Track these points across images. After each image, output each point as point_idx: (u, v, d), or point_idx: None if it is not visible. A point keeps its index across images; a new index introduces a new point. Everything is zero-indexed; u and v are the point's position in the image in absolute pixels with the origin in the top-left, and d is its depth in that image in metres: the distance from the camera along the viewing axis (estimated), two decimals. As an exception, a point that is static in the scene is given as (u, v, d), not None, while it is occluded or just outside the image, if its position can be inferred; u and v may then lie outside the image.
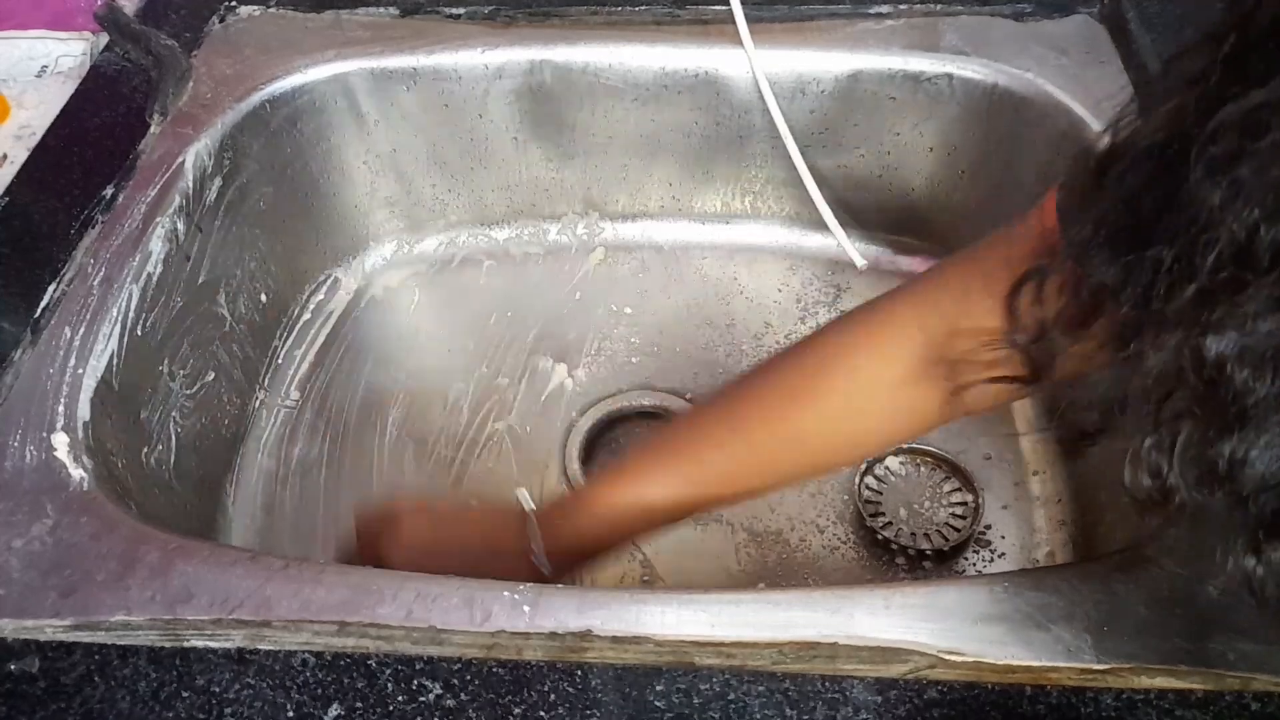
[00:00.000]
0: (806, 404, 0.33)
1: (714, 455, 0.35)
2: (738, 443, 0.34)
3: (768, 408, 0.34)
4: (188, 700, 0.30)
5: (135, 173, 0.47)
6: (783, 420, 0.34)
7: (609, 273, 0.61)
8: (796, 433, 0.34)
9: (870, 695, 0.30)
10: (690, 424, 0.38)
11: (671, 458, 0.36)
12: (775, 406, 0.34)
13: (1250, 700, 0.29)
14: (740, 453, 0.34)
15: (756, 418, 0.34)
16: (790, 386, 0.34)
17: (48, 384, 0.39)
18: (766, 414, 0.34)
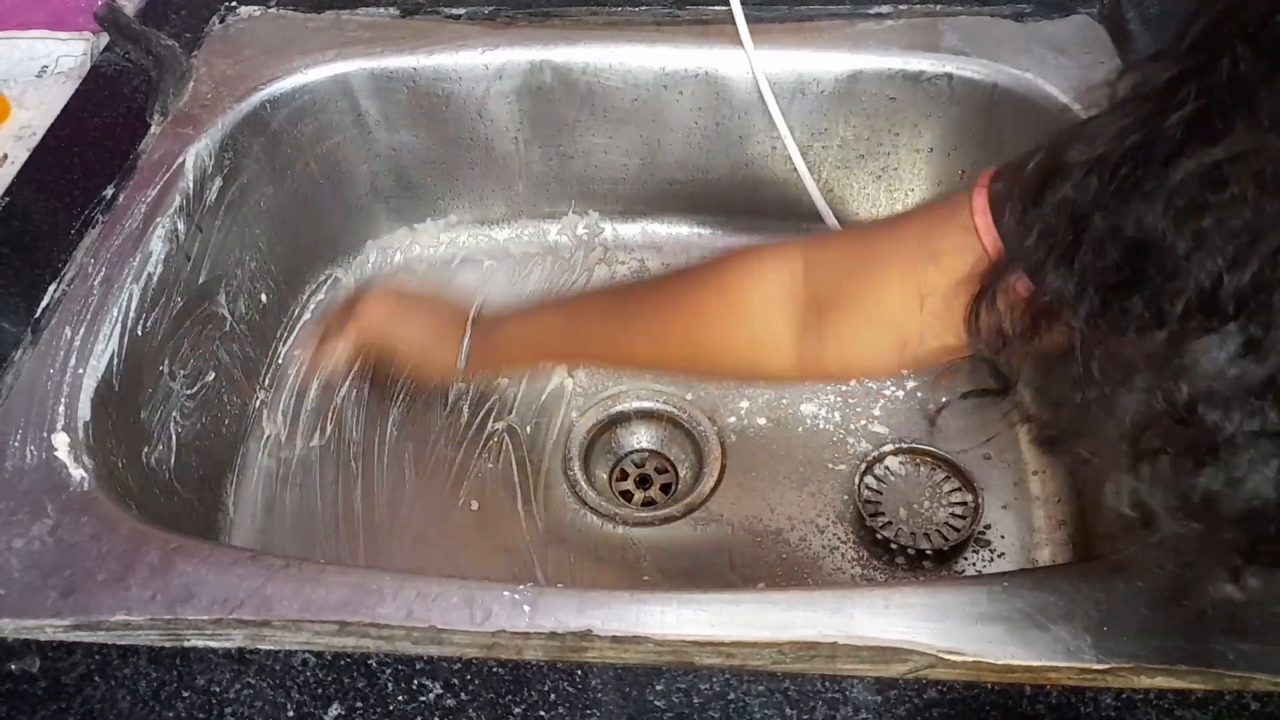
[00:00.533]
0: (681, 308, 0.37)
1: (594, 330, 0.41)
2: (617, 329, 0.40)
3: (650, 308, 0.39)
4: (188, 700, 0.30)
5: (135, 173, 0.47)
6: (657, 320, 0.38)
7: (609, 272, 0.61)
8: (663, 337, 0.38)
9: (870, 695, 0.30)
10: (597, 298, 0.45)
11: (569, 318, 0.43)
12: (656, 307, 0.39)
13: (1250, 700, 0.29)
14: (617, 336, 0.40)
15: (637, 315, 0.39)
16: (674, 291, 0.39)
17: (48, 384, 0.39)
18: (645, 314, 0.39)
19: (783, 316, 0.33)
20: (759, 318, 0.34)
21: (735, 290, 0.35)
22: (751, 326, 0.35)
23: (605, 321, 0.41)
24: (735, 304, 0.35)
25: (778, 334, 0.34)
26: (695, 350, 0.37)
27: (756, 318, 0.34)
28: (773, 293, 0.34)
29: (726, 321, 0.35)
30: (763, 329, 0.34)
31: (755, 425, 0.53)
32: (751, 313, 0.34)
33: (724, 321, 0.35)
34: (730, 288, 0.35)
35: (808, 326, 0.33)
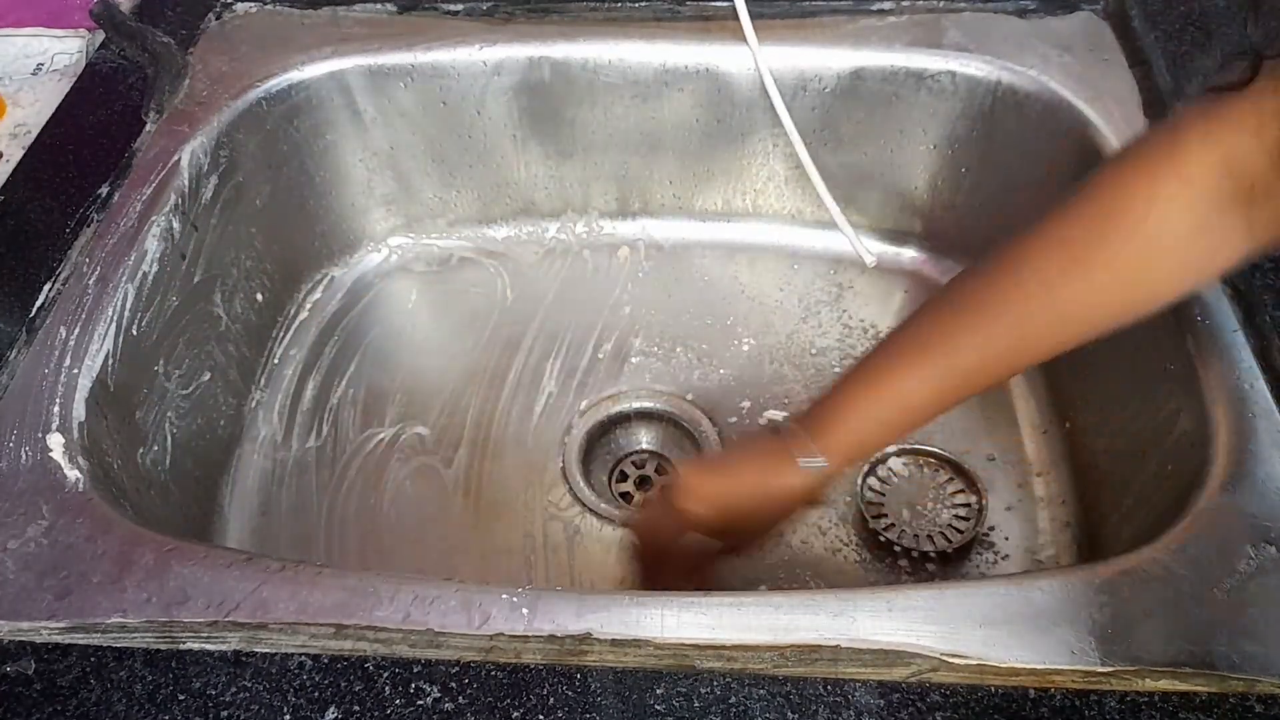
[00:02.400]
0: (1076, 275, 0.30)
1: (970, 340, 0.32)
2: (997, 325, 0.32)
3: (1028, 283, 0.31)
4: (184, 703, 0.30)
5: (131, 171, 0.47)
6: (1048, 294, 0.31)
7: (609, 272, 0.60)
8: (1065, 307, 0.31)
9: (873, 698, 0.29)
10: (941, 309, 0.34)
11: (924, 351, 0.33)
12: (1037, 281, 0.31)
13: (1254, 703, 0.29)
14: (999, 335, 0.32)
15: (1016, 296, 0.31)
16: (1055, 260, 0.30)
17: (43, 384, 0.39)
18: (1028, 290, 0.31)
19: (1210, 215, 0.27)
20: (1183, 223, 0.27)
21: (1137, 231, 0.28)
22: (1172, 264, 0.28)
23: (976, 335, 0.32)
24: (1143, 247, 0.28)
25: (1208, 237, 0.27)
26: (1109, 303, 0.30)
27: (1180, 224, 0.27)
28: (1188, 215, 0.27)
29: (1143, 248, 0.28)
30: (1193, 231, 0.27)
31: (756, 425, 0.53)
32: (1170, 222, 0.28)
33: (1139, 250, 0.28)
34: (1128, 230, 0.28)
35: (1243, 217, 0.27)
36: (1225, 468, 0.34)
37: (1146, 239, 0.29)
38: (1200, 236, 0.28)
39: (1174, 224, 0.28)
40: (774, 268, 0.60)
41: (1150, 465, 0.41)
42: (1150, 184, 0.29)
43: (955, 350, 0.33)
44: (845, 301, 0.58)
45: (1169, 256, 0.29)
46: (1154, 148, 0.29)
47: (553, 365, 0.56)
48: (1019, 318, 0.32)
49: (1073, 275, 0.30)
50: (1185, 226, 0.28)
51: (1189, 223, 0.28)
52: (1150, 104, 0.48)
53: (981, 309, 0.32)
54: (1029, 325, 0.32)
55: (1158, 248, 0.29)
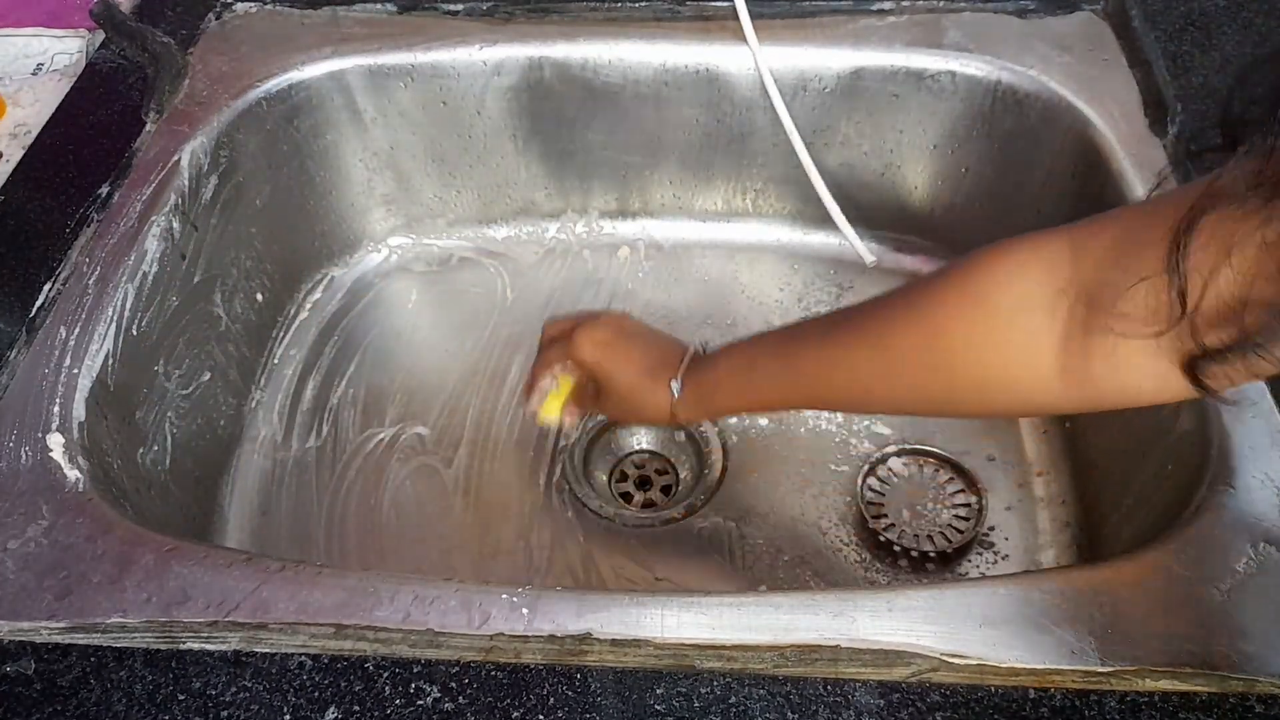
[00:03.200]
0: (910, 327, 0.30)
1: (810, 365, 0.34)
2: (835, 359, 0.33)
3: (869, 328, 0.32)
4: (184, 703, 0.30)
5: (131, 171, 0.47)
6: (881, 342, 0.32)
7: (609, 272, 0.60)
8: (893, 356, 0.31)
9: (872, 698, 0.29)
10: (811, 327, 0.36)
11: (782, 353, 0.36)
12: (876, 328, 0.32)
13: (1254, 703, 0.29)
14: (836, 368, 0.34)
15: (853, 337, 0.33)
16: (897, 309, 0.31)
17: (43, 384, 0.39)
18: (865, 335, 0.32)
19: (1043, 318, 0.26)
20: (1014, 320, 0.27)
21: (982, 290, 0.28)
22: (1005, 332, 0.27)
23: (823, 353, 0.34)
24: (982, 305, 0.28)
25: (1038, 342, 0.26)
26: (937, 375, 0.30)
27: (1010, 320, 0.27)
28: (1030, 290, 0.26)
29: (973, 330, 0.28)
30: (1021, 336, 0.27)
31: (756, 426, 0.53)
32: (1000, 314, 0.27)
33: (970, 330, 0.28)
34: (975, 288, 0.28)
35: (1072, 330, 0.26)
36: (1224, 468, 0.34)
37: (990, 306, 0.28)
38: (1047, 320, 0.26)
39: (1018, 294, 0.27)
40: (774, 268, 0.60)
41: (1150, 465, 0.41)
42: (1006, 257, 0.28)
43: (799, 368, 0.35)
44: (845, 301, 0.58)
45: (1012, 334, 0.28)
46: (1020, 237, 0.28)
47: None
48: (850, 358, 0.33)
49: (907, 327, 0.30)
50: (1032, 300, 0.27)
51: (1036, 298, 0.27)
52: (1150, 104, 0.48)
53: (825, 340, 0.34)
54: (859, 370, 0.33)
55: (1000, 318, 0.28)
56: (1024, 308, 0.27)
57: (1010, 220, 0.55)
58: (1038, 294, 0.27)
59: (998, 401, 0.30)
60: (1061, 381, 0.27)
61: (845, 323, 0.34)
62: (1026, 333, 0.27)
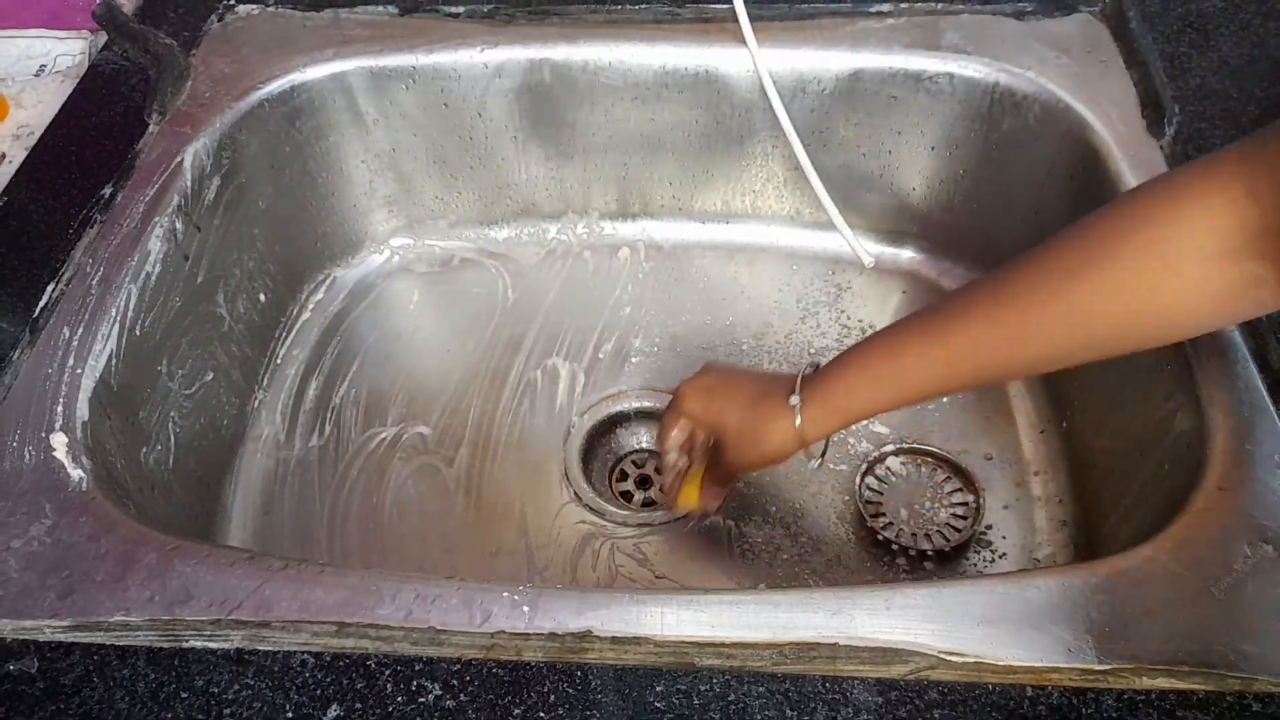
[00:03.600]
0: (1084, 277, 0.29)
1: (976, 333, 0.32)
2: (1002, 321, 0.32)
3: (1038, 284, 0.31)
4: (186, 701, 0.30)
5: (134, 172, 0.47)
6: (1055, 297, 0.30)
7: (609, 272, 0.61)
8: (1069, 314, 0.30)
9: (871, 696, 0.30)
10: (956, 300, 0.34)
11: (930, 333, 0.34)
12: (1047, 282, 0.30)
13: (1251, 701, 0.29)
14: (1004, 331, 0.32)
15: (1024, 294, 0.31)
16: (1069, 260, 0.30)
17: (46, 384, 0.39)
18: (1037, 290, 0.30)
19: (1231, 271, 0.26)
20: (1201, 272, 0.27)
21: (1166, 241, 0.27)
22: (1192, 286, 0.27)
23: (989, 322, 0.32)
24: (1168, 259, 0.27)
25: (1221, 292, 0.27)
26: (1118, 325, 0.29)
27: (1196, 272, 0.27)
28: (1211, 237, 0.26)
29: (1163, 286, 0.27)
30: (1207, 287, 0.27)
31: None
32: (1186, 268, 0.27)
33: (1159, 285, 0.27)
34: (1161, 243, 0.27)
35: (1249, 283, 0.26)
36: (1222, 467, 0.35)
37: (1163, 256, 0.28)
38: (1220, 267, 0.27)
39: (1194, 246, 0.27)
40: (773, 268, 0.60)
41: (1148, 464, 0.41)
42: (1175, 203, 0.28)
43: (954, 343, 0.33)
44: (844, 302, 0.58)
45: (1183, 280, 0.28)
46: (1187, 173, 0.28)
47: (553, 365, 0.56)
48: (1023, 318, 0.31)
49: (1082, 279, 0.29)
50: (1206, 251, 0.27)
51: (1210, 248, 0.27)
52: (1147, 105, 0.48)
53: (989, 306, 0.32)
54: (1031, 328, 0.31)
55: (1172, 267, 0.28)
56: (1223, 252, 0.27)
57: (1008, 221, 0.55)
58: (1233, 234, 0.26)
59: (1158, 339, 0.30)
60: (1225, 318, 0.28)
61: (1016, 293, 0.31)
62: (1213, 284, 0.27)
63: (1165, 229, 0.28)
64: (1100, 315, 0.30)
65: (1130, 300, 0.29)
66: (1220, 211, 0.27)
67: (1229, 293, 0.28)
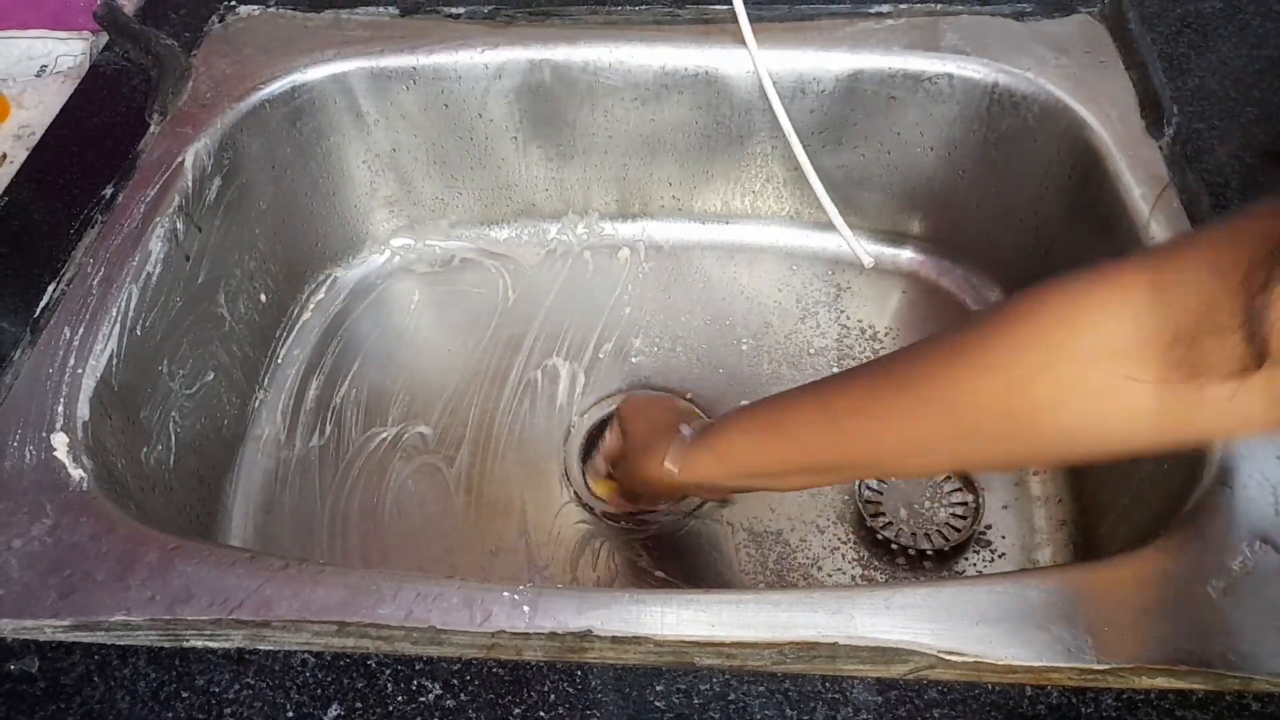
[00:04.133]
0: (961, 360, 0.27)
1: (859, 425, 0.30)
2: (881, 397, 0.30)
3: (919, 362, 0.29)
4: (187, 700, 0.30)
5: (135, 172, 0.47)
6: (929, 376, 0.28)
7: (609, 273, 0.61)
8: (940, 394, 0.28)
9: (870, 695, 0.30)
10: (851, 371, 0.33)
11: (818, 398, 0.32)
12: (925, 361, 0.28)
13: (1250, 700, 0.29)
14: (881, 408, 0.30)
15: (904, 370, 0.29)
16: (954, 343, 0.28)
17: (47, 384, 0.39)
18: (916, 367, 0.29)
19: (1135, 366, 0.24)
20: (1104, 368, 0.24)
21: (1060, 336, 0.25)
22: (1095, 381, 0.25)
23: (874, 410, 0.30)
24: (1064, 354, 0.25)
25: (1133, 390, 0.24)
26: (1017, 430, 0.26)
27: (1098, 368, 0.24)
28: (1115, 335, 0.24)
29: (1059, 381, 0.25)
30: (1113, 384, 0.24)
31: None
32: (1085, 362, 0.25)
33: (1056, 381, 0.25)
34: (1055, 334, 0.25)
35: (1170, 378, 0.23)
36: (1221, 467, 0.35)
37: (1043, 348, 0.26)
38: (1099, 370, 0.24)
39: (1076, 345, 0.25)
40: (773, 269, 0.60)
41: (1146, 464, 0.41)
42: (1068, 300, 0.25)
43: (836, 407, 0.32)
44: (843, 302, 0.58)
45: (1056, 377, 0.25)
46: (1087, 275, 0.26)
47: (554, 365, 0.56)
48: (899, 395, 0.29)
49: (959, 361, 0.28)
50: (1088, 352, 0.25)
51: (1093, 350, 0.25)
52: (1147, 106, 0.48)
53: (873, 377, 0.31)
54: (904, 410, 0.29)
55: (1050, 361, 0.25)
56: (1113, 355, 0.24)
57: (1007, 222, 0.55)
58: (1124, 339, 0.24)
59: (1084, 450, 0.28)
60: (1159, 426, 0.25)
61: (897, 371, 0.30)
62: (1119, 381, 0.24)
63: (1051, 324, 0.26)
64: (968, 403, 0.27)
65: (1003, 390, 0.26)
66: (1114, 315, 0.25)
67: (1100, 396, 0.25)
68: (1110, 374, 0.25)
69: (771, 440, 0.34)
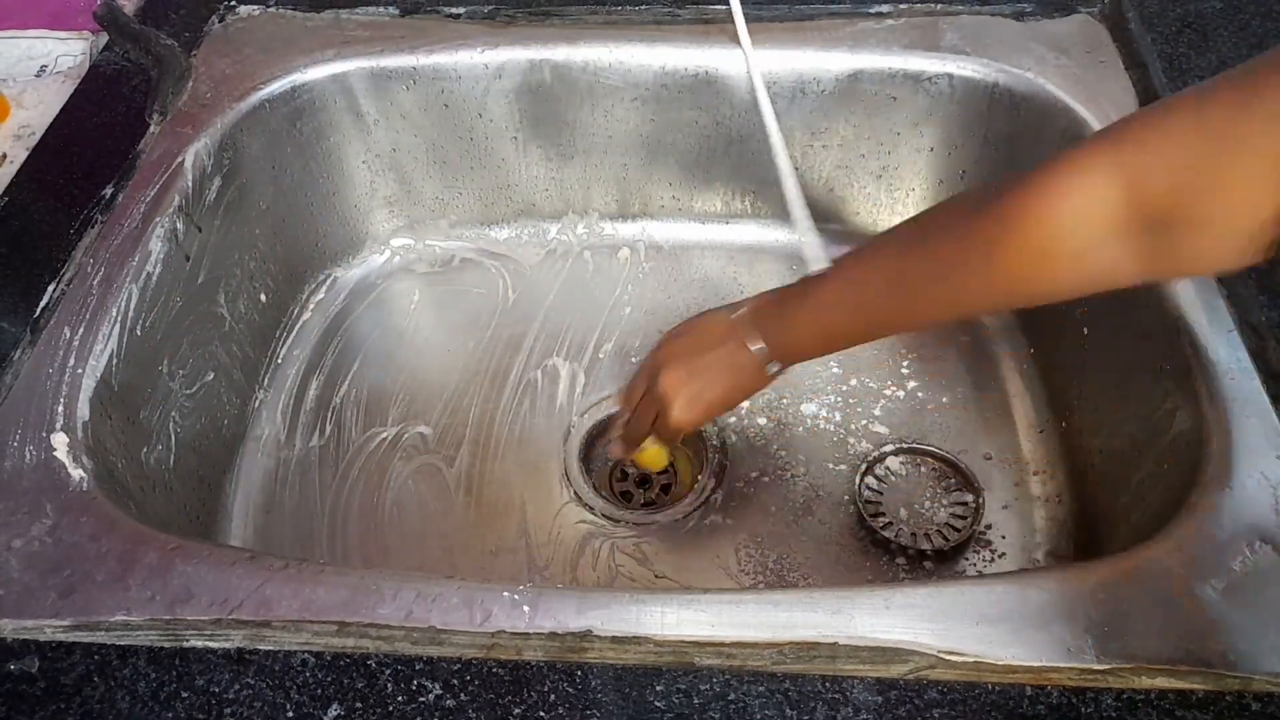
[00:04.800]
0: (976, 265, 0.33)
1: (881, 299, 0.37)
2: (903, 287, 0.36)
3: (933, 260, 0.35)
4: (187, 700, 0.30)
5: (135, 172, 0.47)
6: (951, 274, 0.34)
7: (609, 273, 0.61)
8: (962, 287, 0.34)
9: (870, 695, 0.30)
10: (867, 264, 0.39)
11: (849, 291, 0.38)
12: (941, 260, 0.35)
13: (1250, 700, 0.29)
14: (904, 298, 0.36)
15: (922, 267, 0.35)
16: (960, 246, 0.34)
17: (47, 384, 0.39)
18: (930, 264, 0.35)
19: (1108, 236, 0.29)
20: (1095, 253, 0.30)
21: (1054, 235, 0.30)
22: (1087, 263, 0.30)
23: (892, 285, 0.37)
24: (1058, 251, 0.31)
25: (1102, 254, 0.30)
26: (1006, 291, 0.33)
27: (1089, 253, 0.30)
28: (1089, 212, 0.29)
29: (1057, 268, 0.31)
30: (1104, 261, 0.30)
31: (756, 425, 0.53)
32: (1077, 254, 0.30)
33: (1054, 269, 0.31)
34: (1031, 213, 0.31)
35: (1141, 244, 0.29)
36: (1221, 467, 0.35)
37: (1043, 244, 0.31)
38: (1095, 252, 0.30)
39: (1070, 237, 0.30)
40: (772, 269, 0.60)
41: (1146, 464, 0.41)
42: (1054, 197, 0.31)
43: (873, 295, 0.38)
44: (844, 302, 0.58)
45: (1061, 263, 0.31)
46: (1065, 161, 0.31)
47: (553, 365, 0.56)
48: (920, 286, 0.36)
49: (973, 266, 0.34)
50: (1080, 241, 0.30)
51: (1084, 238, 0.30)
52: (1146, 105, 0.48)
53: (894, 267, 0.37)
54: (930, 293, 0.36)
55: (1052, 254, 0.31)
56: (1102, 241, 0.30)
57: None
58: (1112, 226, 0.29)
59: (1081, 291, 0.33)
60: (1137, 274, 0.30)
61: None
62: (1109, 257, 0.30)
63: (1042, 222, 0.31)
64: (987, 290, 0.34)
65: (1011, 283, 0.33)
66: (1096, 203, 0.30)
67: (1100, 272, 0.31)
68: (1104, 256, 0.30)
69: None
